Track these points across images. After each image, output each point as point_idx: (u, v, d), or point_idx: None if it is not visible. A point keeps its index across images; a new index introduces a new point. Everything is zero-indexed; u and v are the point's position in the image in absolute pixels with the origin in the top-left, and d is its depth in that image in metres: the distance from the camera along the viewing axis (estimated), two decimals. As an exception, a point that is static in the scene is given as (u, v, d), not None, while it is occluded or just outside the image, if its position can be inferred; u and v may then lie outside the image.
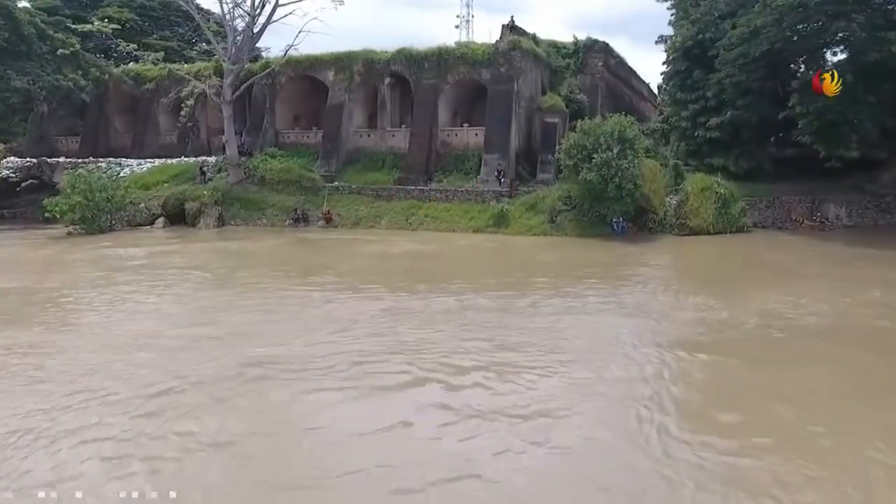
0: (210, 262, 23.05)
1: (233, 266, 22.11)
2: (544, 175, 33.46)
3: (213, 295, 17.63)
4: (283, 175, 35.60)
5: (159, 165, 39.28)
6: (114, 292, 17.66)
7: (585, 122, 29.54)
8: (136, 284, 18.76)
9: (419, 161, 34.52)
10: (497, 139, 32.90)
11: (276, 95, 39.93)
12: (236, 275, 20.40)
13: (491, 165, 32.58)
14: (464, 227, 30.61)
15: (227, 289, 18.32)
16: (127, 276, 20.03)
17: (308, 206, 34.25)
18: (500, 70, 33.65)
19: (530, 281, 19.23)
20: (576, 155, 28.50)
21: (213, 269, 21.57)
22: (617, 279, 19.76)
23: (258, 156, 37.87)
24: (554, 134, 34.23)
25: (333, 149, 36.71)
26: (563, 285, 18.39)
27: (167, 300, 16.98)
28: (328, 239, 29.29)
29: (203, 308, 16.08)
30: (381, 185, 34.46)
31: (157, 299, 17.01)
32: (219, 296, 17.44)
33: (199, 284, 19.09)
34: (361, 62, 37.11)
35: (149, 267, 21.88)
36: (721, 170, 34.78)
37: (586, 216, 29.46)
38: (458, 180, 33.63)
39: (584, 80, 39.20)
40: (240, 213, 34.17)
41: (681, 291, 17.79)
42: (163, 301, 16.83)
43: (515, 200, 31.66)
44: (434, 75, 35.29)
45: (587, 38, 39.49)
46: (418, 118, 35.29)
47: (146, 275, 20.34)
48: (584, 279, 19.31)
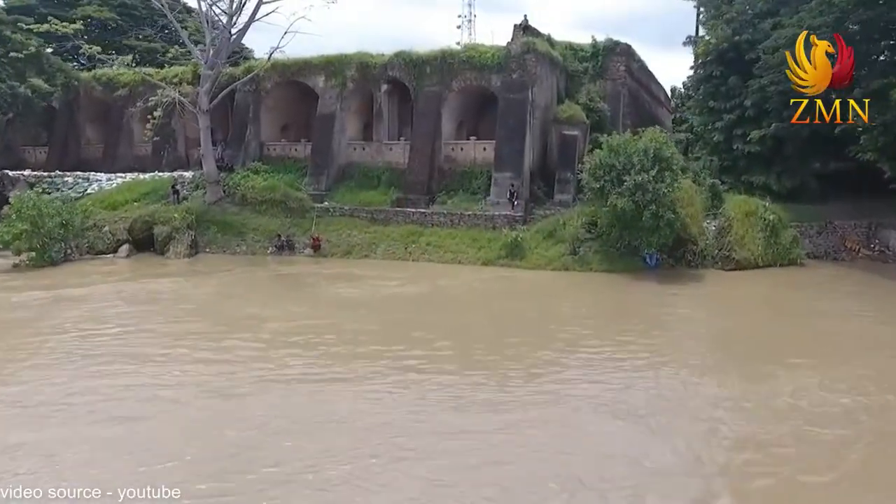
0: (132, 312, 18.85)
1: (160, 320, 17.75)
2: (563, 196, 29.36)
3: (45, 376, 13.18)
4: (266, 194, 31.51)
5: (130, 181, 35.14)
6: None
7: (614, 138, 25.45)
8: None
9: (420, 179, 30.43)
10: (509, 155, 28.81)
11: (261, 103, 35.84)
12: (135, 341, 15.68)
13: (502, 185, 28.49)
14: (472, 259, 26.51)
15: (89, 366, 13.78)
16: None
17: (294, 230, 30.15)
18: (512, 76, 29.56)
19: (541, 354, 14.96)
20: (603, 176, 24.43)
21: (121, 322, 17.40)
22: (649, 345, 15.63)
23: (240, 171, 33.80)
24: (573, 148, 30.14)
25: (323, 164, 32.63)
26: (586, 364, 14.21)
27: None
28: (310, 274, 25.21)
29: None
30: (376, 206, 30.36)
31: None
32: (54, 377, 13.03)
33: (60, 358, 14.41)
34: (355, 66, 33.03)
35: (34, 321, 17.47)
36: (761, 188, 30.86)
37: (614, 246, 25.39)
38: (464, 202, 29.54)
39: (605, 86, 35.06)
40: (216, 238, 30.06)
41: (730, 375, 13.63)
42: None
43: (531, 226, 27.56)
44: (437, 82, 31.19)
45: (607, 40, 35.39)
46: (419, 130, 31.20)
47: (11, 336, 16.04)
48: (613, 353, 14.97)
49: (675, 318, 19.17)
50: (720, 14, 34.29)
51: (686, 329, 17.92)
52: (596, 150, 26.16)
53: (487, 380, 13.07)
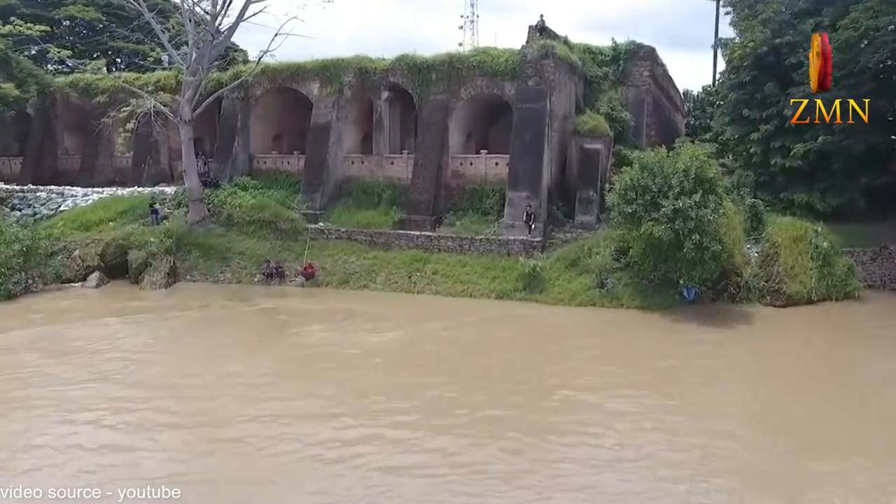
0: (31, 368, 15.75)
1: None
2: (585, 217, 26.28)
3: None
4: (254, 213, 28.42)
5: (106, 198, 32.06)
6: None
7: (647, 155, 22.39)
8: None
9: (425, 198, 27.34)
10: (525, 172, 25.72)
11: (250, 111, 32.76)
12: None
13: (518, 206, 25.40)
14: (484, 291, 23.42)
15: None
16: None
17: (285, 254, 27.06)
18: (527, 83, 26.47)
19: (558, 449, 11.79)
20: (635, 199, 21.34)
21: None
22: (694, 430, 12.57)
23: (226, 186, 30.73)
24: (596, 164, 27.07)
25: (318, 180, 29.54)
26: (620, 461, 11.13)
27: None
28: (297, 311, 22.12)
29: None
30: (376, 227, 27.26)
31: None
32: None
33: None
34: (353, 72, 29.95)
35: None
36: (803, 207, 27.77)
37: (646, 278, 22.33)
38: (474, 223, 26.45)
39: (626, 93, 32.00)
40: (198, 264, 26.95)
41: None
42: None
43: (551, 253, 24.48)
44: (443, 89, 28.10)
45: (629, 42, 32.31)
46: (424, 143, 28.11)
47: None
48: (653, 449, 11.85)
49: (723, 382, 15.94)
50: (754, 14, 31.19)
51: (735, 401, 14.63)
52: (626, 169, 23.12)
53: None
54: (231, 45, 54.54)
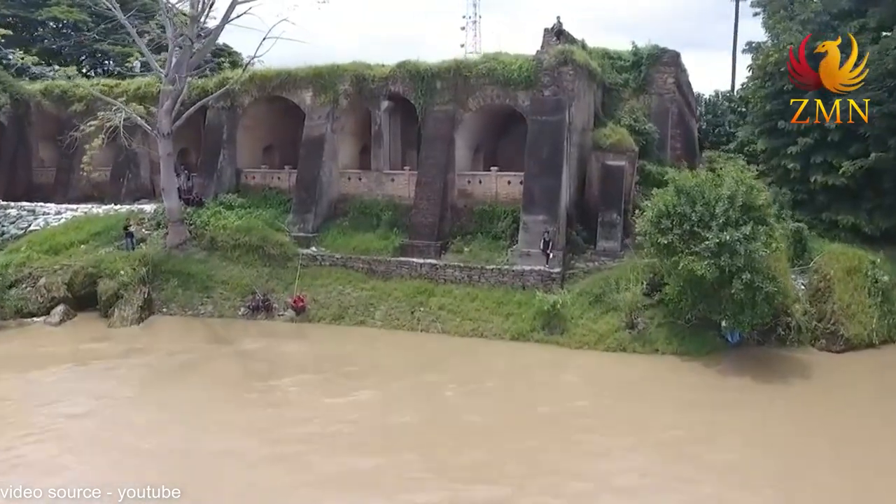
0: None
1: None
2: (608, 243, 23.50)
3: None
4: (240, 237, 25.64)
5: (80, 217, 29.32)
6: None
7: (684, 178, 19.62)
8: None
9: (429, 220, 24.56)
10: (541, 193, 22.94)
11: (238, 122, 30.00)
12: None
13: (533, 231, 22.63)
14: (497, 331, 20.65)
15: None
16: None
17: (273, 283, 24.30)
18: (544, 93, 23.69)
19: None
20: (671, 229, 18.57)
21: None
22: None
23: (211, 205, 27.98)
24: (620, 182, 24.31)
25: (311, 198, 26.75)
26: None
27: None
28: (281, 356, 19.47)
29: None
30: (375, 253, 24.47)
31: None
32: None
33: None
34: (349, 79, 27.16)
35: None
36: (848, 230, 25.06)
37: (683, 317, 19.56)
38: (484, 250, 23.67)
39: (649, 102, 29.25)
40: (177, 294, 24.17)
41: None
42: None
43: (571, 286, 21.72)
44: (449, 99, 25.32)
45: (651, 46, 29.52)
46: (428, 159, 25.33)
47: None
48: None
49: (789, 467, 13.19)
50: (790, 15, 28.47)
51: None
52: (657, 191, 20.32)
53: None
54: (223, 48, 52.02)
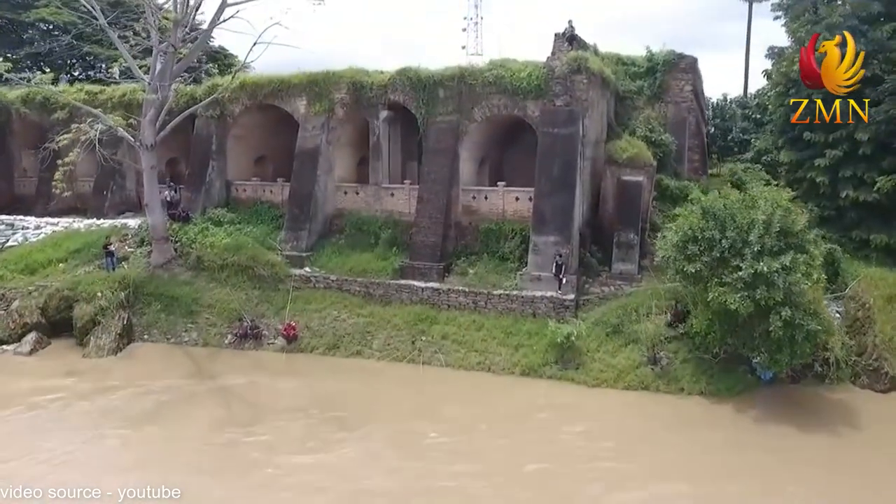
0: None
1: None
2: (624, 265, 21.74)
3: None
4: (229, 256, 23.89)
5: (60, 232, 27.67)
6: None
7: (711, 199, 17.85)
8: None
9: (431, 240, 22.81)
10: (553, 212, 21.19)
11: (228, 132, 28.27)
12: None
13: (544, 254, 20.88)
14: (506, 365, 18.89)
15: None
16: None
17: (263, 307, 22.56)
18: (555, 103, 21.95)
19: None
20: (698, 256, 16.82)
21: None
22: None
23: (198, 220, 26.27)
24: (637, 200, 22.56)
25: (304, 215, 25.01)
26: None
27: None
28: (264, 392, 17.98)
29: None
30: (373, 275, 22.72)
31: None
32: None
33: None
34: (346, 87, 25.42)
35: None
36: (881, 250, 23.33)
37: (710, 350, 17.81)
38: (491, 272, 21.91)
39: (665, 111, 27.53)
40: (159, 319, 22.42)
41: None
42: None
43: (587, 313, 19.98)
44: (453, 109, 23.58)
45: (667, 52, 27.78)
46: (430, 173, 23.58)
47: None
48: None
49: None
50: (816, 19, 26.69)
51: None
52: (681, 213, 18.60)
53: None
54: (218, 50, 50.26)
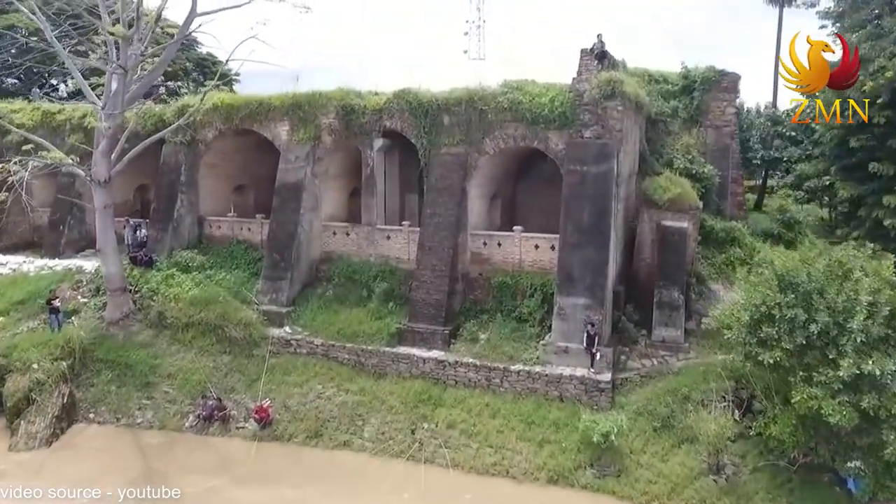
0: None
1: None
2: (668, 331, 18.01)
3: None
4: (196, 312, 20.22)
5: (6, 277, 23.98)
6: None
7: (790, 266, 14.07)
8: None
9: (434, 297, 19.07)
10: (582, 268, 17.45)
11: (200, 160, 24.58)
12: None
13: (572, 320, 17.16)
14: (529, 467, 15.14)
15: None
16: None
17: (234, 378, 18.86)
18: (583, 134, 18.25)
19: None
20: (776, 341, 13.13)
21: None
22: None
23: (164, 264, 22.62)
24: (682, 250, 18.83)
25: (285, 261, 21.32)
26: None
27: None
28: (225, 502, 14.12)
29: None
30: (366, 339, 18.99)
31: None
32: None
33: None
34: (335, 110, 21.73)
35: None
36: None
37: (787, 455, 14.09)
38: (506, 338, 18.20)
39: (704, 136, 23.85)
40: (109, 394, 18.70)
41: None
42: None
43: (626, 397, 16.27)
44: (460, 139, 19.88)
45: (707, 69, 24.14)
46: (433, 216, 19.85)
47: None
48: None
49: None
50: (878, 33, 23.00)
51: None
52: (748, 280, 14.91)
53: None
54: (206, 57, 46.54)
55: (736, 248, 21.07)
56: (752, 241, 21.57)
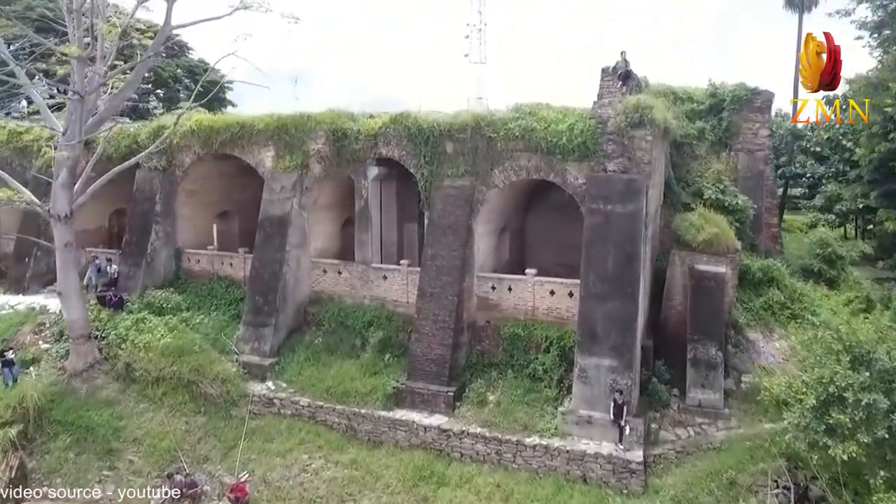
0: None
1: None
2: (706, 394, 15.70)
3: None
4: (167, 365, 17.95)
5: (-38, 317, 21.68)
6: None
7: (866, 339, 11.77)
8: None
9: (436, 352, 16.76)
10: (608, 323, 15.14)
11: (177, 187, 22.32)
12: None
13: (595, 382, 14.86)
14: (549, 569, 12.88)
15: None
16: None
17: (209, 445, 16.57)
18: (607, 167, 15.98)
19: None
20: (849, 430, 10.85)
21: None
22: None
23: (135, 305, 20.34)
24: (719, 298, 16.53)
25: (269, 306, 19.02)
26: None
27: None
28: None
29: None
30: (359, 399, 16.69)
31: None
32: None
33: None
34: (324, 135, 19.45)
35: None
36: None
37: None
38: (519, 402, 15.89)
39: (734, 161, 21.60)
40: (66, 462, 16.37)
41: None
42: None
43: (662, 480, 13.95)
44: (466, 170, 17.59)
45: (737, 86, 21.92)
46: (436, 257, 17.54)
47: None
48: None
49: None
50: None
51: None
52: (806, 342, 12.62)
53: None
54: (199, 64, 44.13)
55: (775, 290, 18.81)
56: (791, 281, 19.27)
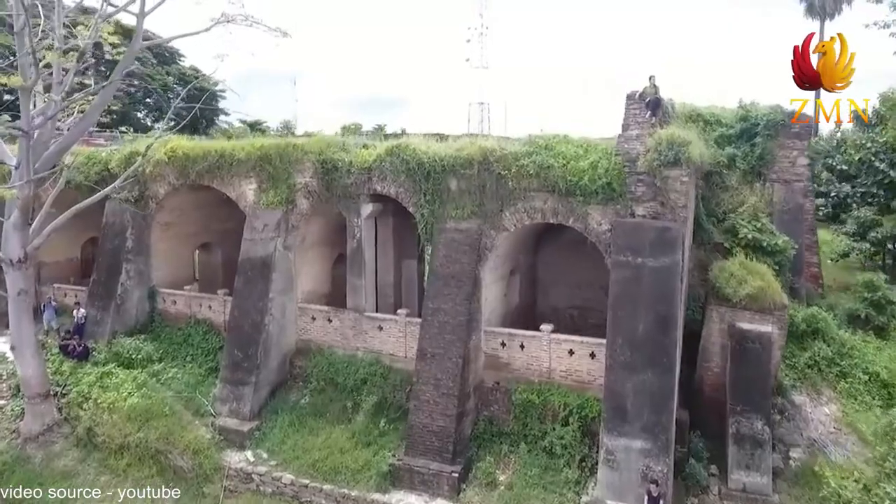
0: None
1: None
2: (751, 476, 13.51)
3: None
4: (133, 431, 15.80)
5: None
6: None
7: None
8: None
9: (439, 423, 14.58)
10: (639, 397, 12.94)
11: (151, 220, 20.17)
12: None
13: (624, 468, 12.67)
14: None
15: None
16: None
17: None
18: (636, 212, 13.81)
19: None
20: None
21: None
22: None
23: (101, 354, 18.21)
24: (765, 362, 14.33)
25: (250, 362, 16.85)
26: None
27: None
28: None
29: None
30: (350, 478, 14.50)
31: None
32: None
33: None
34: (312, 167, 17.28)
35: None
36: None
37: None
38: (534, 486, 13.71)
39: (769, 193, 19.42)
40: (12, 551, 14.29)
41: None
42: None
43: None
44: (472, 211, 15.42)
45: (772, 109, 19.72)
46: (438, 311, 15.33)
47: None
48: None
49: None
50: None
51: None
52: (884, 435, 10.44)
53: None
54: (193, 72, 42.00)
55: (821, 344, 16.63)
56: (839, 333, 17.08)
